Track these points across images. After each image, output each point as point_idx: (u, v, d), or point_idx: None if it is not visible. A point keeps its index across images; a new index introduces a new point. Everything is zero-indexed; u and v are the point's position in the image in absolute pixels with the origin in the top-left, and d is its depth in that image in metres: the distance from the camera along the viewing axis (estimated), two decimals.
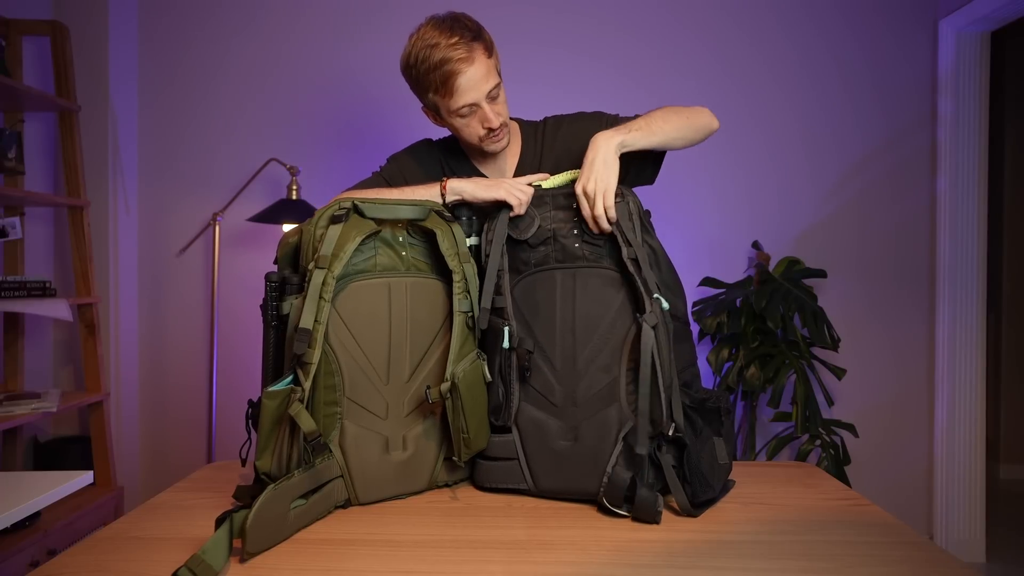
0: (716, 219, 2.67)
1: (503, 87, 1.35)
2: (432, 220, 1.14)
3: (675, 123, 1.29)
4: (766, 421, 2.59)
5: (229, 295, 2.63)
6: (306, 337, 1.00)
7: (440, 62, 1.27)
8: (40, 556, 1.96)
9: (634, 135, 1.23)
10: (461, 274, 1.15)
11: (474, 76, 1.28)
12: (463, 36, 1.27)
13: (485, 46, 1.30)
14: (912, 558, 0.89)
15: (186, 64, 2.67)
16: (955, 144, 2.61)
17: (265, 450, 1.01)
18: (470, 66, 1.27)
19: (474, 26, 1.31)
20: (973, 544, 2.62)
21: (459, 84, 1.28)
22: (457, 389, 1.08)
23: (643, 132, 1.25)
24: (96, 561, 0.89)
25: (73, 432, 2.55)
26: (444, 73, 1.27)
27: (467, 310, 1.14)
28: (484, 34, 1.32)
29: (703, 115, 1.34)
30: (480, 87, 1.29)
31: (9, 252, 2.35)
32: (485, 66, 1.29)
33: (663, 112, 1.30)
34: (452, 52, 1.26)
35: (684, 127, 1.30)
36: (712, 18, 2.66)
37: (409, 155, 1.49)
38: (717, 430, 1.14)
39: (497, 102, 1.33)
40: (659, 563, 0.89)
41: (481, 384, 1.13)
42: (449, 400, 1.08)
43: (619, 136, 1.21)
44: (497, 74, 1.33)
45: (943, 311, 2.63)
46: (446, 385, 1.08)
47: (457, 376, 1.08)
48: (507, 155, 1.45)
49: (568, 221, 1.17)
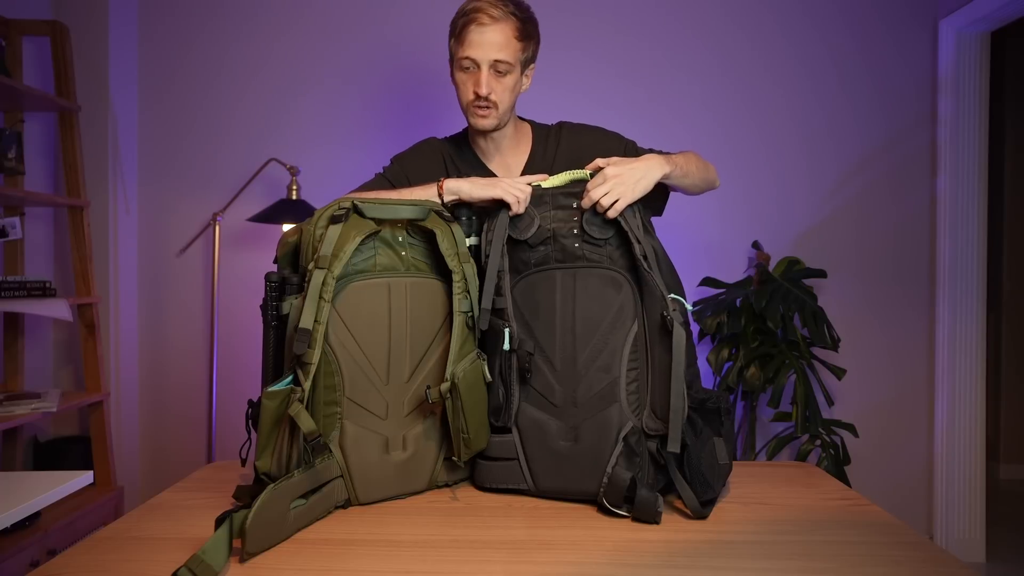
0: (716, 219, 2.67)
1: (520, 80, 1.40)
2: (432, 220, 1.14)
3: (698, 172, 1.36)
4: (766, 421, 2.59)
5: (229, 295, 2.63)
6: (306, 337, 1.00)
7: (469, 10, 1.33)
8: (40, 556, 1.96)
9: (676, 171, 1.27)
10: (461, 274, 1.14)
11: (488, 36, 1.32)
12: (505, 7, 1.33)
13: (519, 28, 1.35)
14: (912, 558, 0.89)
15: (186, 64, 2.67)
16: (955, 144, 2.61)
17: (265, 450, 1.01)
18: (489, 26, 1.32)
19: (523, 9, 1.37)
20: (973, 544, 2.62)
21: (470, 34, 1.33)
22: (457, 389, 1.08)
23: (682, 171, 1.30)
24: (96, 561, 0.89)
25: (73, 432, 2.55)
26: (466, 19, 1.33)
27: (467, 310, 1.14)
28: (528, 22, 1.37)
29: (712, 171, 1.43)
30: (487, 49, 1.33)
31: (9, 252, 2.35)
32: (504, 37, 1.33)
33: (692, 158, 1.35)
34: (483, 6, 1.32)
35: (700, 179, 1.38)
36: (712, 18, 2.66)
37: (413, 154, 1.49)
38: (717, 430, 1.14)
39: (500, 80, 1.36)
40: (659, 563, 0.89)
41: (481, 384, 1.13)
42: (449, 400, 1.08)
43: (667, 167, 1.24)
44: (517, 61, 1.37)
45: (943, 311, 2.63)
46: (446, 385, 1.08)
47: (457, 376, 1.08)
48: (516, 153, 1.46)
49: (568, 221, 1.17)
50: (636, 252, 1.10)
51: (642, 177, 1.18)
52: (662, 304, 1.08)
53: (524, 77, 1.43)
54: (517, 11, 1.34)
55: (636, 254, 1.10)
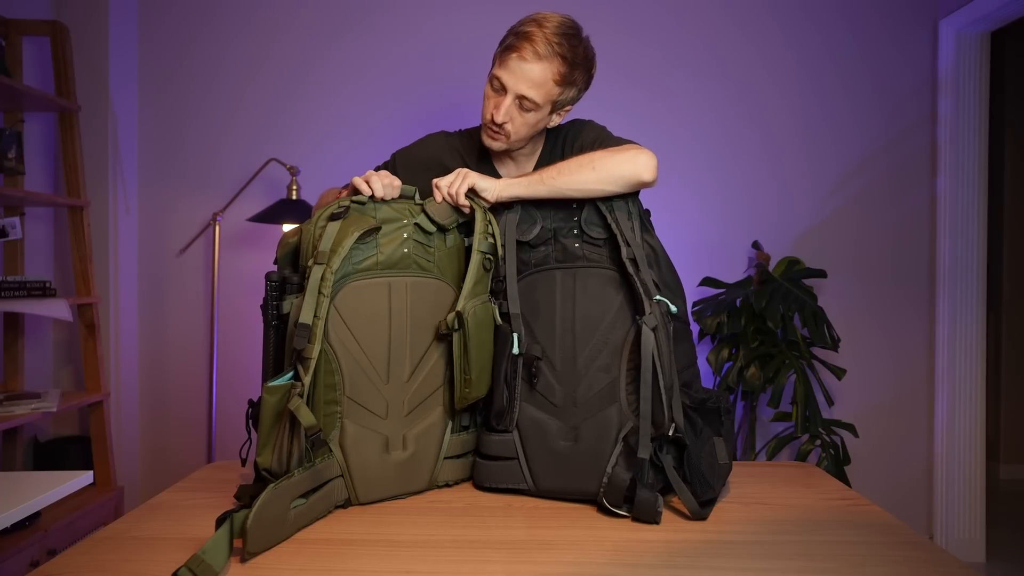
0: (716, 219, 2.67)
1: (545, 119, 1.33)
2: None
3: (576, 177, 1.19)
4: (766, 421, 2.59)
5: (229, 295, 2.63)
6: (306, 332, 1.00)
7: (519, 33, 1.27)
8: (40, 556, 1.96)
9: (519, 187, 1.21)
10: (484, 215, 1.17)
11: (527, 68, 1.25)
12: (557, 46, 1.25)
13: (562, 72, 1.27)
14: (912, 558, 0.89)
15: (186, 64, 2.66)
16: (955, 144, 2.61)
17: (266, 446, 1.01)
18: (532, 61, 1.25)
19: (576, 51, 1.28)
20: (973, 544, 2.62)
21: (511, 60, 1.26)
22: (465, 324, 1.08)
23: (530, 184, 1.20)
24: (96, 561, 0.89)
25: (73, 432, 2.55)
26: (513, 42, 1.26)
27: (486, 251, 1.15)
28: (576, 67, 1.28)
29: (623, 166, 1.20)
30: (519, 83, 1.26)
31: (9, 252, 2.35)
32: (542, 78, 1.26)
33: (571, 164, 1.21)
34: (535, 38, 1.25)
35: (587, 180, 1.18)
36: (712, 18, 2.66)
37: (412, 147, 1.45)
38: (717, 430, 1.14)
39: (522, 114, 1.29)
40: (659, 563, 0.89)
41: (490, 324, 1.14)
42: (457, 335, 1.08)
43: (510, 189, 1.20)
44: (548, 103, 1.29)
45: (943, 311, 2.63)
46: (452, 316, 1.08)
47: (467, 311, 1.09)
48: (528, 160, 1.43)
49: (568, 221, 1.17)
50: (623, 255, 1.10)
51: (491, 188, 1.19)
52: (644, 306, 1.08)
53: (555, 115, 1.36)
54: (568, 53, 1.26)
55: (623, 257, 1.10)
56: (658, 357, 1.05)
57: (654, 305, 1.07)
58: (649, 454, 1.03)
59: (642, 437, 1.03)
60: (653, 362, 1.05)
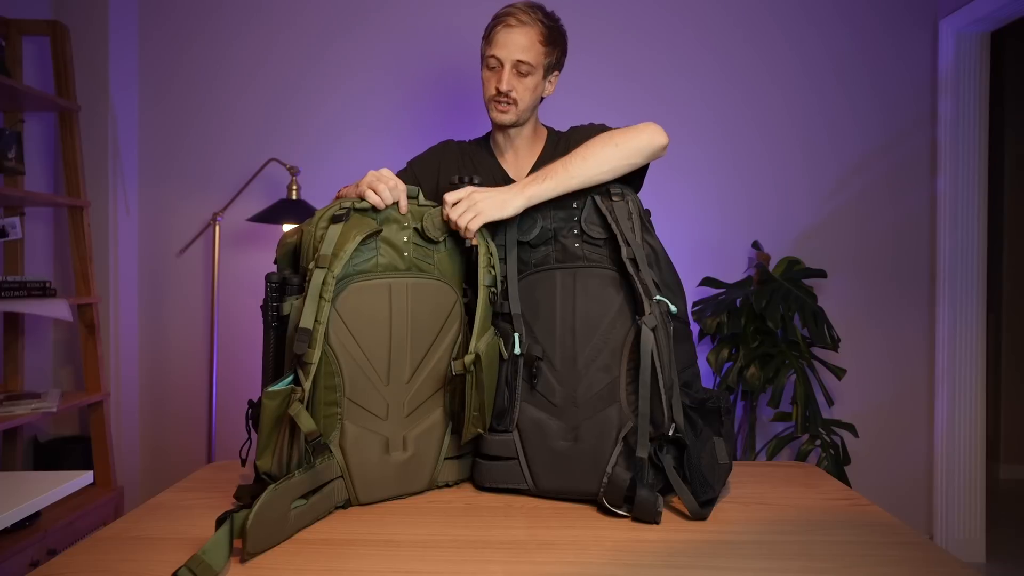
0: (716, 219, 2.67)
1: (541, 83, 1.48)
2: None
3: (600, 157, 1.19)
4: (766, 421, 2.59)
5: (229, 295, 2.63)
6: (306, 337, 1.00)
7: (500, 14, 1.45)
8: (40, 556, 1.96)
9: (547, 185, 1.17)
10: (486, 247, 1.15)
11: (514, 38, 1.41)
12: (533, 13, 1.43)
13: (545, 33, 1.43)
14: (912, 558, 0.89)
15: (186, 64, 2.67)
16: (955, 144, 2.61)
17: (266, 450, 1.01)
18: (516, 28, 1.41)
19: (552, 18, 1.46)
20: (973, 544, 2.62)
21: (497, 35, 1.43)
22: (480, 363, 1.08)
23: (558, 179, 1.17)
24: (96, 561, 0.89)
25: (73, 432, 2.55)
26: (495, 23, 1.44)
27: (489, 284, 1.15)
28: (555, 30, 1.46)
29: (640, 136, 1.24)
30: (512, 49, 1.41)
31: (9, 252, 2.35)
32: (529, 40, 1.42)
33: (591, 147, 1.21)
34: (513, 11, 1.43)
35: (613, 157, 1.20)
36: (712, 18, 2.66)
37: (426, 155, 1.56)
38: (717, 430, 1.14)
39: (522, 80, 1.43)
40: (659, 563, 0.89)
41: (497, 361, 1.14)
42: (471, 375, 1.08)
43: (529, 190, 1.16)
44: (540, 64, 1.45)
45: (943, 311, 2.63)
46: (470, 357, 1.08)
47: (480, 351, 1.09)
48: (529, 154, 1.52)
49: (568, 221, 1.17)
50: (624, 255, 1.10)
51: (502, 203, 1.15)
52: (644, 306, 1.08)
53: (547, 82, 1.51)
54: (545, 19, 1.44)
55: (623, 257, 1.10)
56: (658, 357, 1.05)
57: (654, 305, 1.07)
58: (647, 453, 1.03)
59: (640, 436, 1.03)
60: (653, 362, 1.05)
